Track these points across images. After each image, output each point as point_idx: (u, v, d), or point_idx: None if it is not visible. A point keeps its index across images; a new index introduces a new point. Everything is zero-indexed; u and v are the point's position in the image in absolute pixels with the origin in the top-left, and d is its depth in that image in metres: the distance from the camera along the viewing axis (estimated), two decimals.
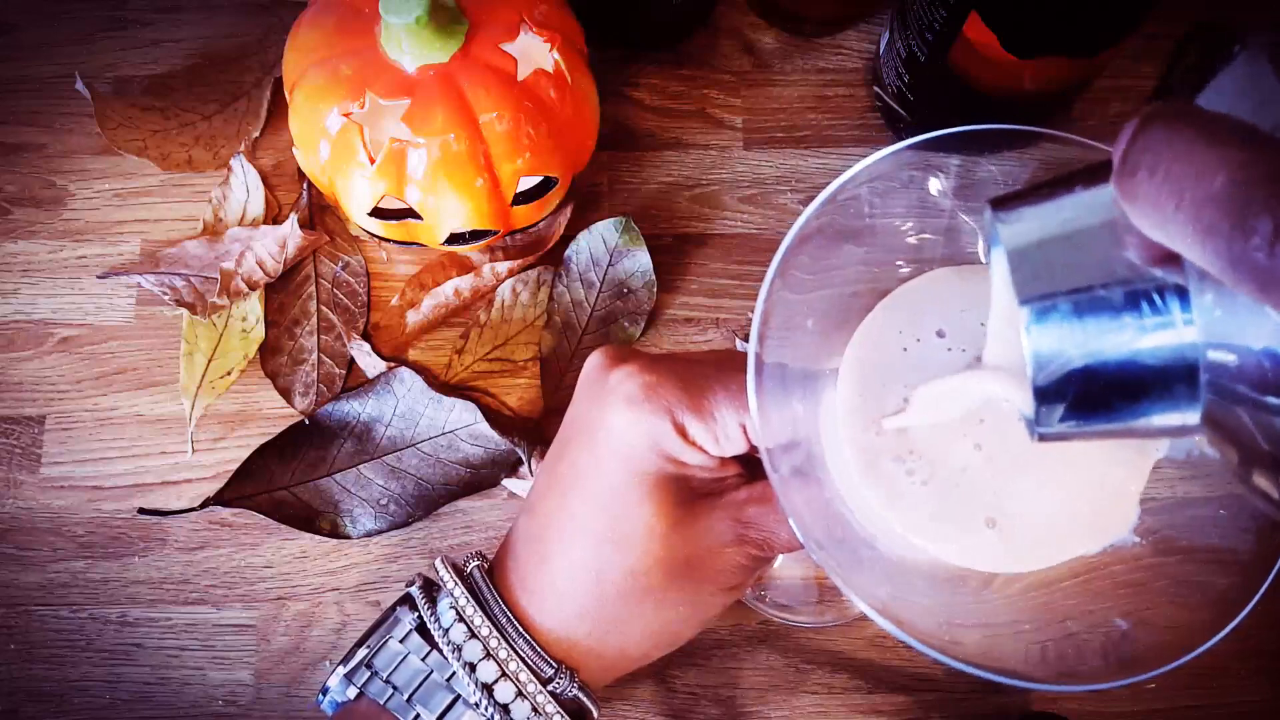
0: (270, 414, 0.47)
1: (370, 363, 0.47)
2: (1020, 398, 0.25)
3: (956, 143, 0.27)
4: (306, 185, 0.49)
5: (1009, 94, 0.43)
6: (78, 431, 0.47)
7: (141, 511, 0.45)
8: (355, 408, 0.47)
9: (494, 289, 0.48)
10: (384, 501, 0.46)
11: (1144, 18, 0.38)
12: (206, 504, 0.45)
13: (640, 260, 0.48)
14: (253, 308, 0.48)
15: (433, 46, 0.40)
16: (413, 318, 0.48)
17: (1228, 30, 0.43)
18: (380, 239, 0.46)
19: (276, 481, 0.46)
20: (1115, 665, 0.27)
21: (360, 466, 0.46)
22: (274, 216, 0.50)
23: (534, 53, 0.42)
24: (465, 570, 0.35)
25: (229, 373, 0.47)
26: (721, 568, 0.33)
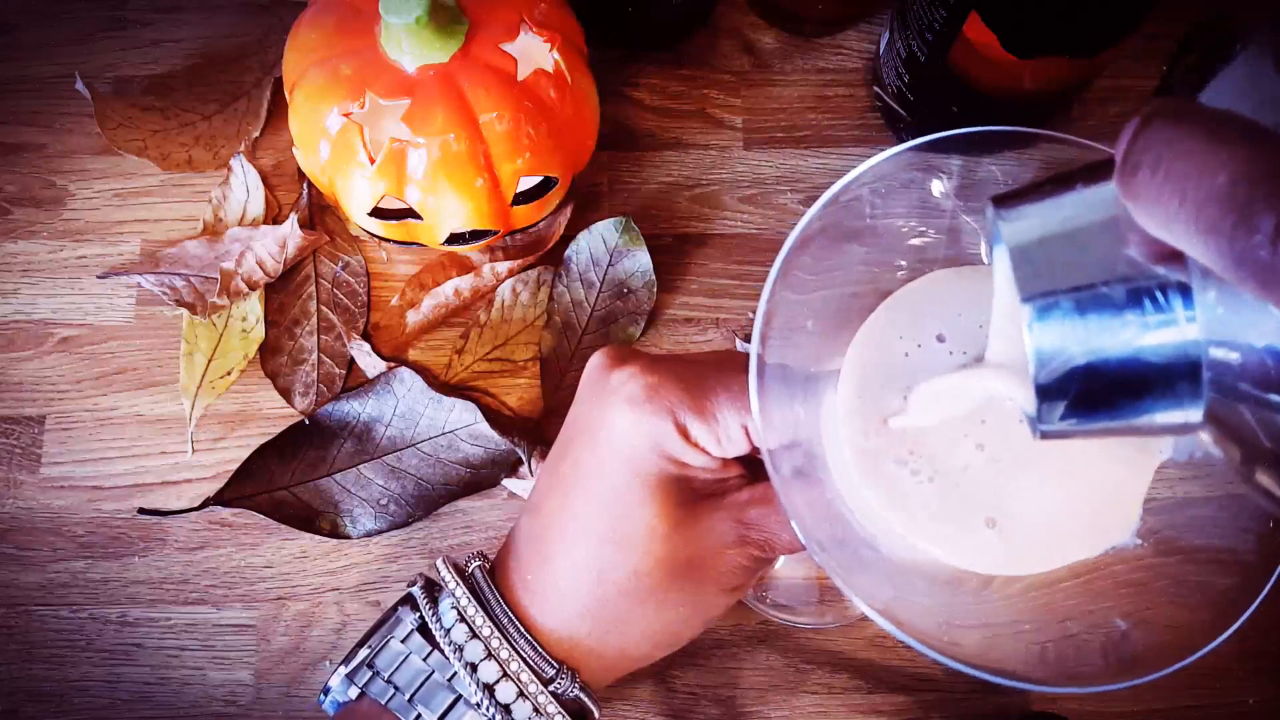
0: (270, 414, 0.47)
1: (370, 363, 0.47)
2: (1022, 395, 0.25)
3: (958, 144, 0.27)
4: (306, 185, 0.49)
5: (1009, 94, 0.43)
6: (78, 431, 0.47)
7: (141, 511, 0.45)
8: (355, 408, 0.47)
9: (494, 289, 0.48)
10: (384, 501, 0.46)
11: (1144, 18, 0.38)
12: (206, 504, 0.45)
13: (640, 260, 0.48)
14: (253, 308, 0.48)
15: (433, 46, 0.40)
16: (413, 318, 0.48)
17: (1228, 30, 0.42)
18: (380, 239, 0.46)
19: (276, 481, 0.46)
20: (1115, 666, 0.27)
21: (360, 466, 0.46)
22: (274, 216, 0.50)
23: (534, 53, 0.42)
24: (467, 570, 0.35)
25: (229, 373, 0.47)
26: (723, 568, 0.33)
